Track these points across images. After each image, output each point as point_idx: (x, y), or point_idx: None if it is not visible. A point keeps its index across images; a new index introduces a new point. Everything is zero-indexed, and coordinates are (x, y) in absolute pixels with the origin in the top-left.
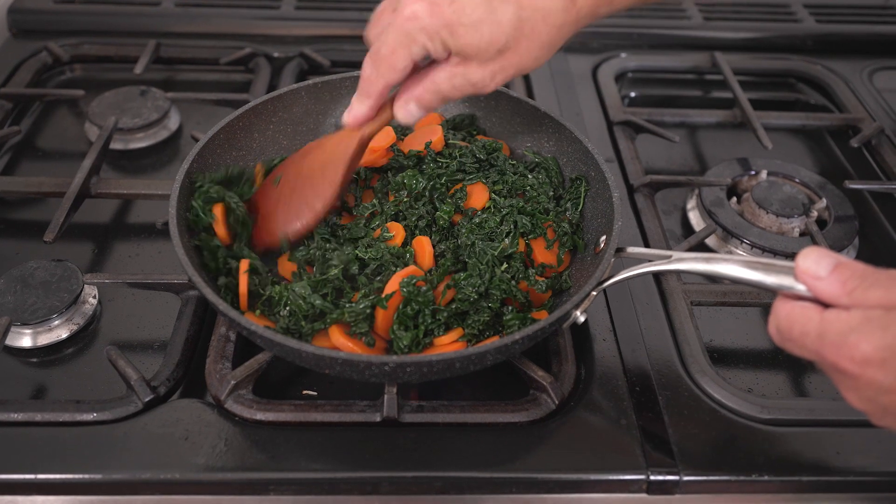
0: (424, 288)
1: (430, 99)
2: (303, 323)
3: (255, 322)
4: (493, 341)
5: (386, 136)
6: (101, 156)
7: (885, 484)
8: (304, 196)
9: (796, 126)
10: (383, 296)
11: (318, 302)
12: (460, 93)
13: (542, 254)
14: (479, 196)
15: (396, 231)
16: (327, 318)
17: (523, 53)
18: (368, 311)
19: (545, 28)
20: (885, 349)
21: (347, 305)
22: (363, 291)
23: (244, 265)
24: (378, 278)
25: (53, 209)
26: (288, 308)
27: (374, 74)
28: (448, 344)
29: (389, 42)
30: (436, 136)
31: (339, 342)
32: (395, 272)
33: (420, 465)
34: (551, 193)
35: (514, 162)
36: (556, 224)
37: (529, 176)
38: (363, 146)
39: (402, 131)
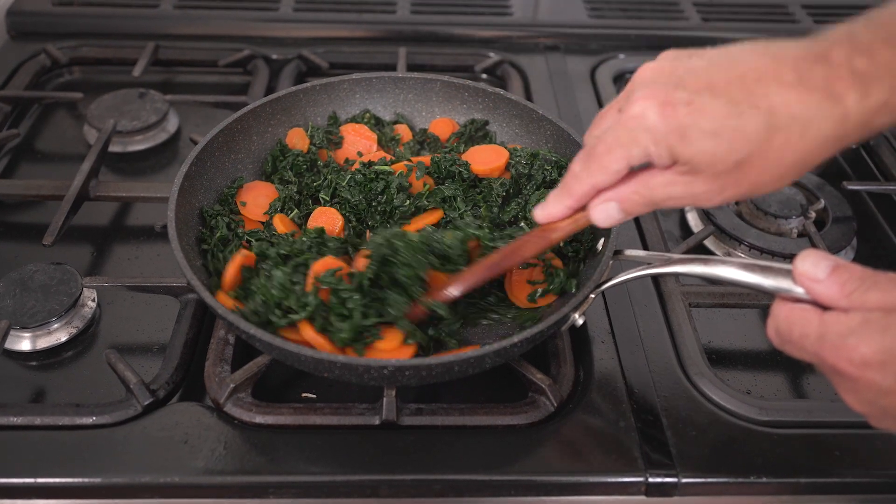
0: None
1: (636, 203)
2: (276, 311)
3: (226, 305)
4: (492, 344)
5: (500, 156)
6: (100, 158)
7: (883, 485)
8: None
9: None
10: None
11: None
12: (676, 203)
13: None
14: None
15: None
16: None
17: (767, 170)
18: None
19: (801, 143)
20: (885, 352)
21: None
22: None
23: (238, 258)
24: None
25: (52, 212)
26: (261, 297)
27: (583, 172)
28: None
29: (608, 140)
30: (502, 159)
31: (309, 336)
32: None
33: (419, 468)
34: None
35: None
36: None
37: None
38: (549, 245)
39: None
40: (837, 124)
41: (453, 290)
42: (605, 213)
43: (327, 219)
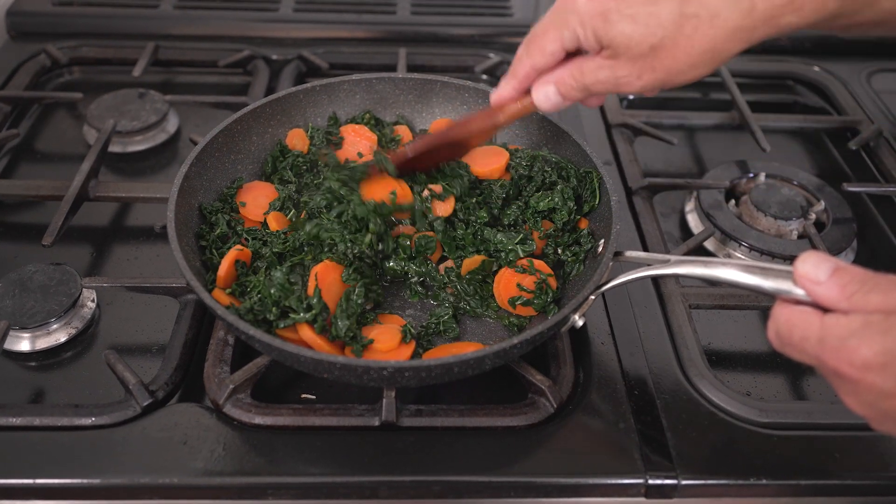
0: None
1: (571, 86)
2: (273, 309)
3: (222, 301)
4: (492, 346)
5: (500, 158)
6: (100, 159)
7: (882, 487)
8: (438, 155)
9: (794, 128)
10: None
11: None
12: (603, 87)
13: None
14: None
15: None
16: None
17: (679, 57)
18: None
19: (711, 31)
20: (886, 354)
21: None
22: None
23: (232, 253)
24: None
25: (52, 212)
26: (259, 295)
27: (524, 54)
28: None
29: (544, 23)
30: (502, 160)
31: (308, 337)
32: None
33: (418, 469)
34: (572, 205)
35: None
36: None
37: (556, 198)
38: (495, 128)
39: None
40: (744, 15)
41: (408, 152)
42: (544, 95)
43: None
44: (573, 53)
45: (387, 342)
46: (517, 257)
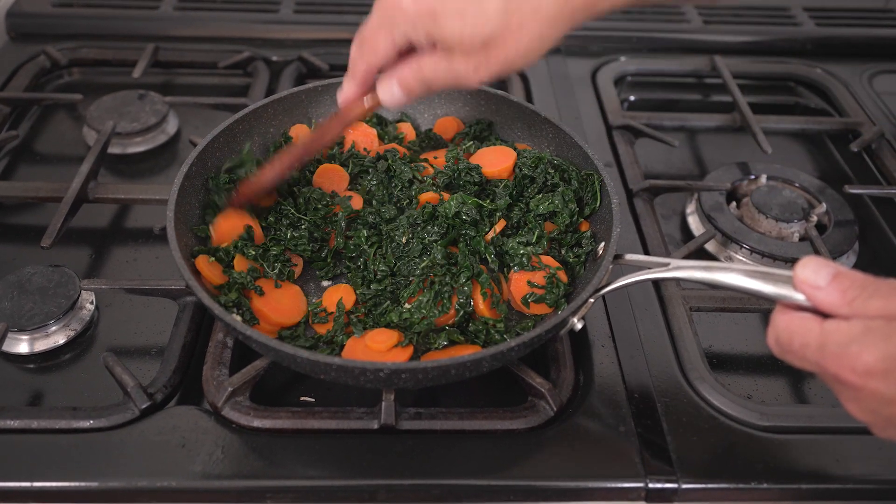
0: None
1: (413, 83)
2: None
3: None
4: (489, 348)
5: (508, 158)
6: (99, 160)
7: (884, 492)
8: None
9: (796, 130)
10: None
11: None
12: (443, 82)
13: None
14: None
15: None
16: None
17: (510, 48)
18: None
19: (535, 22)
20: (888, 359)
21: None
22: None
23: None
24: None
25: (51, 214)
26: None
27: (357, 55)
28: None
29: (372, 24)
30: (510, 160)
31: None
32: None
33: (418, 473)
34: (574, 207)
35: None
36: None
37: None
38: (347, 124)
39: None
40: (562, 5)
41: (267, 174)
42: (388, 92)
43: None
44: (409, 49)
45: (384, 342)
46: (529, 259)
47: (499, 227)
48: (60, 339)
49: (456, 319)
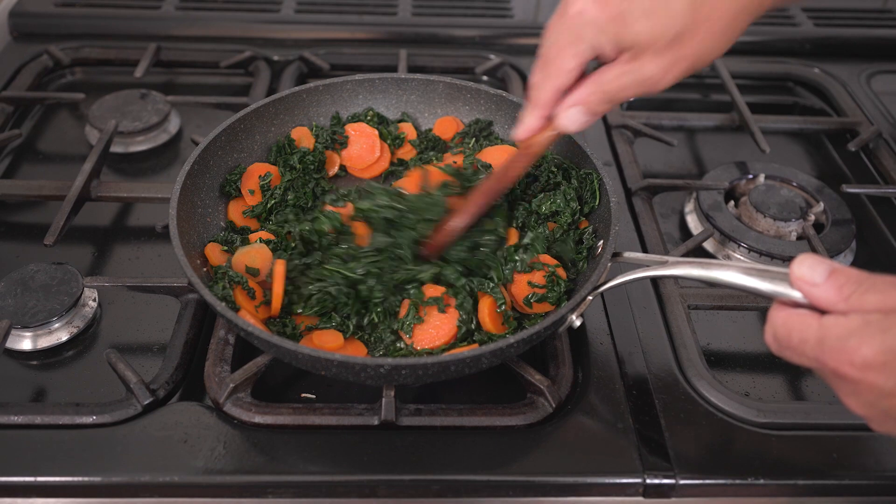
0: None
1: (595, 101)
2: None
3: (253, 322)
4: (488, 344)
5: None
6: (102, 159)
7: (881, 487)
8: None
9: (794, 130)
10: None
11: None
12: (629, 92)
13: (490, 315)
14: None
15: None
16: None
17: (701, 41)
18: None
19: (724, 12)
20: (886, 352)
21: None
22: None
23: (280, 266)
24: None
25: (54, 212)
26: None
27: (542, 79)
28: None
29: (556, 42)
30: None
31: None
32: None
33: (418, 469)
34: (576, 205)
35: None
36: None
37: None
38: (532, 160)
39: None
40: None
41: (458, 222)
42: (571, 119)
43: None
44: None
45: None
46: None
47: (513, 237)
48: (63, 336)
49: (459, 335)
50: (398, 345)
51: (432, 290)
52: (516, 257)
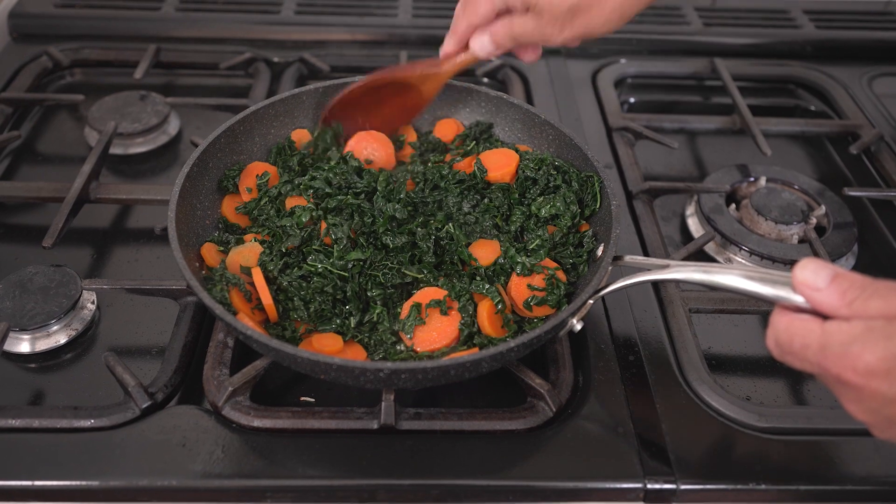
0: None
1: (503, 35)
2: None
3: (252, 326)
4: (488, 348)
5: (511, 161)
6: (101, 160)
7: (882, 493)
8: (393, 106)
9: (795, 132)
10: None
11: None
12: (530, 38)
13: (489, 318)
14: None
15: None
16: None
17: (594, 15)
18: None
19: None
20: (890, 359)
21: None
22: None
23: (258, 274)
24: None
25: (52, 214)
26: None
27: (461, 13)
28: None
29: None
30: (513, 163)
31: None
32: None
33: (417, 473)
34: (576, 209)
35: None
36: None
37: (558, 204)
38: (442, 77)
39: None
40: None
41: (351, 88)
42: (480, 44)
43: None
44: (502, 13)
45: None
46: (533, 264)
47: (492, 252)
48: (62, 339)
49: (461, 338)
50: (398, 347)
51: (434, 293)
52: (518, 260)
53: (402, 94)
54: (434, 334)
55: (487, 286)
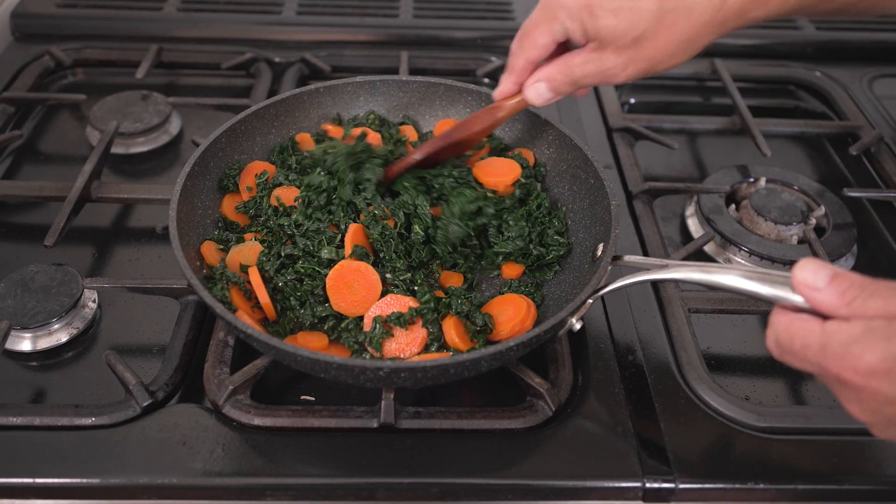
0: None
1: (560, 81)
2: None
3: (251, 324)
4: (487, 348)
5: (511, 174)
6: (102, 160)
7: (882, 493)
8: (444, 154)
9: (795, 133)
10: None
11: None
12: (591, 80)
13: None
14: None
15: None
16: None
17: (660, 47)
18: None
19: (688, 24)
20: (890, 359)
21: None
22: None
23: (255, 273)
24: None
25: (54, 213)
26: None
27: (518, 49)
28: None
29: (534, 18)
30: (513, 174)
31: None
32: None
33: (417, 472)
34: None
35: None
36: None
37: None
38: (495, 124)
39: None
40: (716, 10)
41: (416, 155)
42: (536, 92)
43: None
44: (563, 45)
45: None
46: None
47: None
48: (63, 337)
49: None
50: (363, 356)
51: (397, 304)
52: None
53: (454, 147)
54: (394, 346)
55: (459, 302)
